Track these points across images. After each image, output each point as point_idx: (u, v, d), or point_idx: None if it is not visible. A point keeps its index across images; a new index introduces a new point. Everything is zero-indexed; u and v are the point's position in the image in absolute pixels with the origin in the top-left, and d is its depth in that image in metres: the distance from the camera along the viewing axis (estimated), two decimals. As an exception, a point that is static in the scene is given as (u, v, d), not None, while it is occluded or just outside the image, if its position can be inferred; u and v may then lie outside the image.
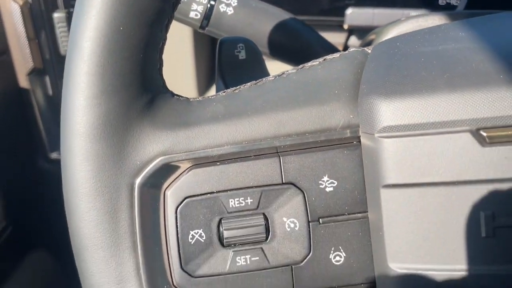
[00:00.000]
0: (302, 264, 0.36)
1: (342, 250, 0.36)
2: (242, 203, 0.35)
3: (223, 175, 0.35)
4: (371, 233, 0.35)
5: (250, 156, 0.36)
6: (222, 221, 0.35)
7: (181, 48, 0.94)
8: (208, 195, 0.35)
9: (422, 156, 0.32)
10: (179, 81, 0.98)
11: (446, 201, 0.32)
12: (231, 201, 0.35)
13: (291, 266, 0.36)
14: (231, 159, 0.35)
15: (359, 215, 0.36)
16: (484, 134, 0.31)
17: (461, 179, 0.31)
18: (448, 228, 0.32)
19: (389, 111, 0.32)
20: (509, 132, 0.31)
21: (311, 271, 0.36)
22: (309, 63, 0.39)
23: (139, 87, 0.34)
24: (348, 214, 0.36)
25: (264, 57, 0.60)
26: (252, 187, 0.35)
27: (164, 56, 0.37)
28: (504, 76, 0.31)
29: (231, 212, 0.35)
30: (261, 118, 0.36)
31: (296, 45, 0.66)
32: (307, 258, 0.36)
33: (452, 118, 0.31)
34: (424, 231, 0.32)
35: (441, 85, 0.32)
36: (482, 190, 0.31)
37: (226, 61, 0.49)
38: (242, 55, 0.50)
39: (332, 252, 0.36)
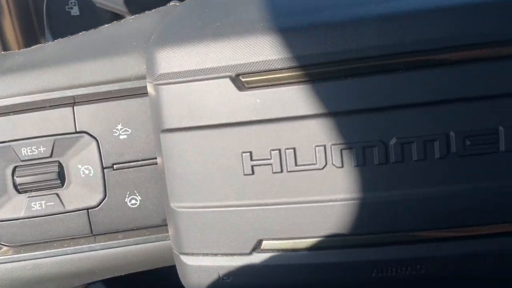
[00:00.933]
0: (98, 208, 0.38)
1: (137, 194, 0.38)
2: (35, 151, 0.37)
3: (16, 125, 0.36)
4: (160, 176, 0.37)
5: (46, 107, 0.37)
6: (16, 169, 0.37)
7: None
8: (0, 144, 0.36)
9: (190, 102, 0.34)
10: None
11: (211, 143, 0.34)
12: (24, 150, 0.37)
13: (87, 210, 0.38)
14: (25, 109, 0.37)
15: (151, 160, 0.38)
16: (243, 79, 0.33)
17: (222, 122, 0.33)
18: (215, 168, 0.34)
19: (163, 59, 0.34)
20: (264, 77, 0.33)
21: (107, 215, 0.38)
22: (130, 17, 0.40)
23: None
24: (142, 160, 0.38)
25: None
26: (45, 136, 0.37)
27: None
28: (264, 23, 0.33)
29: (24, 160, 0.37)
30: (56, 69, 0.37)
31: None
32: (103, 202, 0.38)
33: (214, 65, 0.33)
34: (196, 172, 0.34)
35: (209, 34, 0.34)
36: (241, 132, 0.33)
37: (56, 19, 0.49)
38: (75, 11, 0.50)
39: (127, 196, 0.38)
